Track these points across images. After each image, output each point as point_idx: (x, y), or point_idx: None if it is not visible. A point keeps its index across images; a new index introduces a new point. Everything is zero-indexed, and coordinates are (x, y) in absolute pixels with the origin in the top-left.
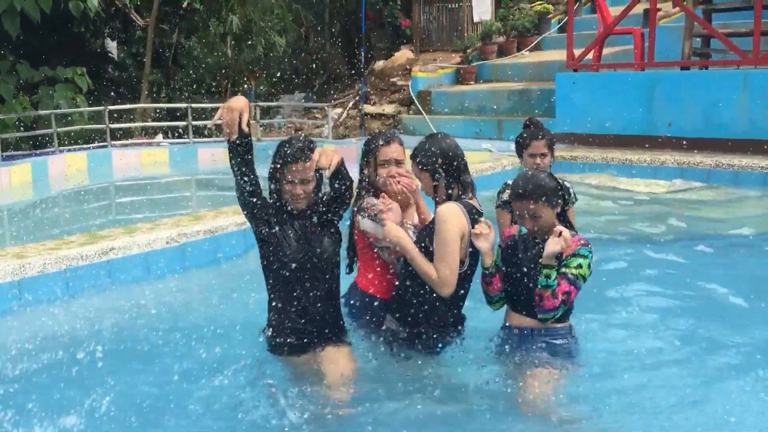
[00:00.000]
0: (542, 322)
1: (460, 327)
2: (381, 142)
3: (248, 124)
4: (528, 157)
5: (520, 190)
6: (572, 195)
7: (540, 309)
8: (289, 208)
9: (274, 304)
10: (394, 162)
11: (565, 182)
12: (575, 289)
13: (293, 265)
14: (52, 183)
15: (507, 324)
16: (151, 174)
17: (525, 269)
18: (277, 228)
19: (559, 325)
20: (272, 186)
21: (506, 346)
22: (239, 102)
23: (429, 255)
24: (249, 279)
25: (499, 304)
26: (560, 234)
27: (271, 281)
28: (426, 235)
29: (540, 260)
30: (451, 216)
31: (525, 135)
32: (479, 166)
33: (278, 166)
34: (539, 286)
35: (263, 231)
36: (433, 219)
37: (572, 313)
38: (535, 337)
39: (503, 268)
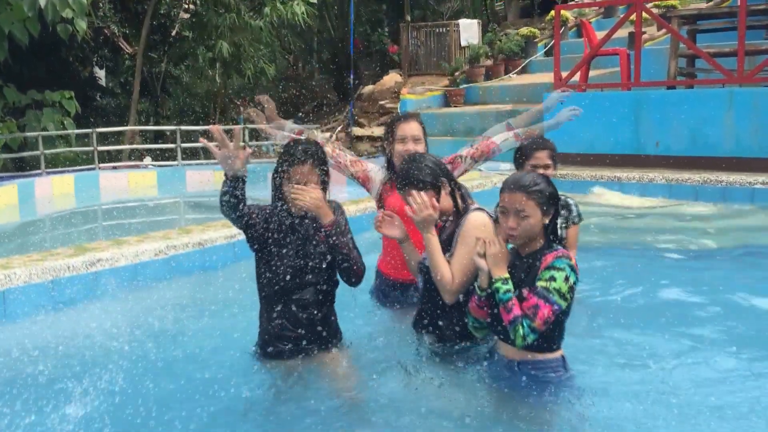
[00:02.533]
0: (517, 347)
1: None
2: (401, 119)
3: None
4: (530, 168)
5: (514, 182)
6: (576, 213)
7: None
8: (291, 211)
9: (266, 309)
10: (411, 139)
11: (569, 199)
12: (547, 304)
13: (289, 270)
14: (39, 205)
15: (494, 352)
16: (139, 197)
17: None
18: (275, 233)
19: (549, 357)
20: (276, 186)
21: (494, 376)
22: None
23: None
24: (239, 290)
25: (486, 332)
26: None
27: (264, 287)
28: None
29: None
30: (484, 225)
31: (527, 144)
32: (469, 184)
33: (283, 166)
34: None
35: (259, 236)
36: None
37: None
38: (522, 369)
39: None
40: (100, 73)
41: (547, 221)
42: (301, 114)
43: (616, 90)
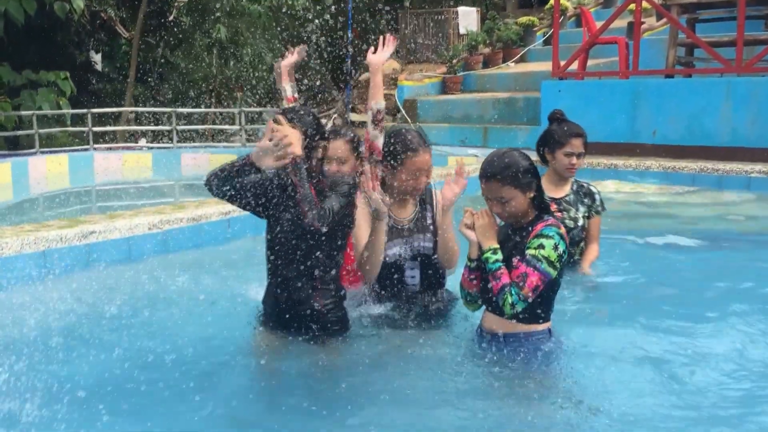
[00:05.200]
0: (506, 316)
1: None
2: (330, 136)
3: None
4: (563, 156)
5: (486, 171)
6: (599, 203)
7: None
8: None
9: (267, 276)
10: (335, 161)
11: (592, 188)
12: (536, 272)
13: (280, 241)
14: (32, 184)
15: (481, 325)
16: (134, 178)
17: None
18: (274, 202)
19: (536, 329)
20: None
21: (479, 349)
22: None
23: None
24: (233, 266)
25: (478, 305)
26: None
27: (266, 254)
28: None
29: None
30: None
31: (562, 130)
32: (465, 168)
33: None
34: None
35: (256, 205)
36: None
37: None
38: (507, 342)
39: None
40: (96, 58)
41: (531, 195)
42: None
43: (613, 78)
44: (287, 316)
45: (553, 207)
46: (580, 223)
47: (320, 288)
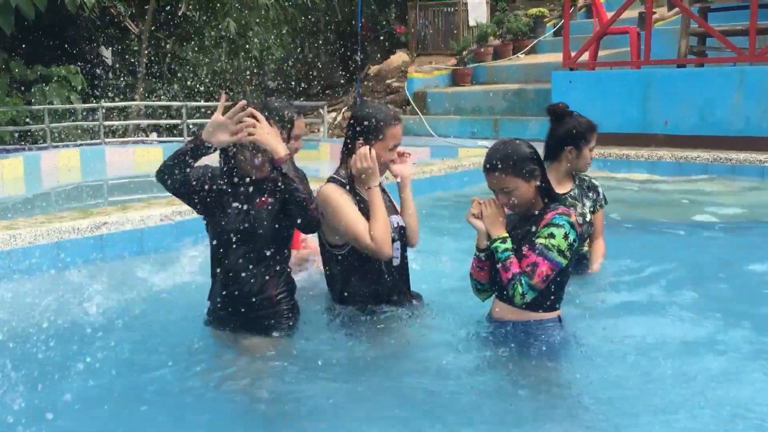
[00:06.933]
0: (516, 305)
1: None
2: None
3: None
4: (588, 151)
5: (487, 162)
6: (602, 196)
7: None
8: (241, 175)
9: (211, 272)
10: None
11: (594, 181)
12: (546, 261)
13: (230, 233)
14: (45, 178)
15: (490, 314)
16: (145, 172)
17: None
18: (217, 195)
19: (545, 316)
20: (231, 151)
21: (489, 337)
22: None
23: None
24: None
25: (488, 294)
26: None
27: (211, 248)
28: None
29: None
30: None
31: (585, 124)
32: (474, 160)
33: None
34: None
35: (203, 200)
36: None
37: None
38: (517, 329)
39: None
40: (107, 53)
41: (537, 183)
42: (303, 96)
43: (625, 68)
44: (236, 309)
45: None
46: (588, 218)
47: (273, 277)
